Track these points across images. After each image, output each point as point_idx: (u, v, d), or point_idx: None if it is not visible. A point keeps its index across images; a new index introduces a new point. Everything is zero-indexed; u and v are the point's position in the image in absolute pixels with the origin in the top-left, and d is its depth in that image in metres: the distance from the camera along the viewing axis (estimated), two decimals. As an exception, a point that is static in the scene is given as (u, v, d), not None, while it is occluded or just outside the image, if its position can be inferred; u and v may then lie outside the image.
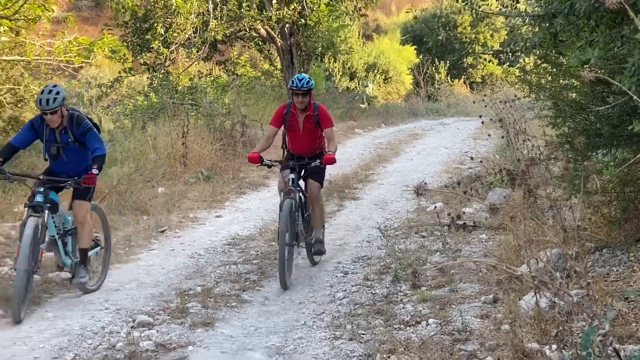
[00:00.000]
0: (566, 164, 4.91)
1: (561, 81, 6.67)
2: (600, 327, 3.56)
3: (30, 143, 6.88)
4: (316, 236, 7.78)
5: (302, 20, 19.39)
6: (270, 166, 7.57)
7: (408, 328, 5.82)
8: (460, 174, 12.65)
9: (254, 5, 18.28)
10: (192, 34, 17.01)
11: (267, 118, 11.51)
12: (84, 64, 12.98)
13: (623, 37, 5.05)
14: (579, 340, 3.73)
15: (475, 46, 31.08)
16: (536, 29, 6.36)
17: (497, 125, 7.95)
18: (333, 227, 9.61)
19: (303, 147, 7.73)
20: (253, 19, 17.85)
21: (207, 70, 20.30)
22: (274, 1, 18.70)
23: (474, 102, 13.98)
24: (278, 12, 18.16)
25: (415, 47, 32.51)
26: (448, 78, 31.16)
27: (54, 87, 6.55)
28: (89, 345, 5.67)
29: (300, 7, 18.88)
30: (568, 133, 6.44)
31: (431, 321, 5.85)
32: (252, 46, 21.83)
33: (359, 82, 28.43)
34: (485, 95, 13.49)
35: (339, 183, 12.46)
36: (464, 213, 9.32)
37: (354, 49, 26.87)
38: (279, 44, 19.48)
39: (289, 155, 7.80)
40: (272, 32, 19.05)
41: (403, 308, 6.29)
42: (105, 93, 18.05)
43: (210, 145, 13.97)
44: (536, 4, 6.42)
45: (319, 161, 7.44)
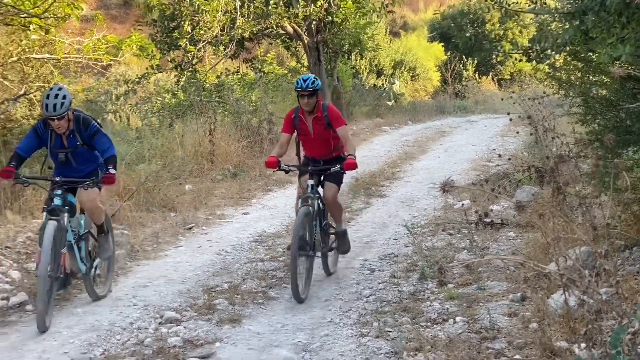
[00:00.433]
0: (596, 161, 4.87)
1: (591, 78, 6.61)
2: (629, 326, 3.53)
3: (34, 150, 6.49)
4: (338, 230, 7.47)
5: (329, 17, 19.39)
6: (287, 171, 7.09)
7: (435, 326, 5.80)
8: (487, 172, 12.55)
9: (281, 2, 18.29)
10: (219, 32, 17.06)
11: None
12: (113, 62, 13.06)
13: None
14: (608, 338, 3.70)
15: (504, 43, 30.79)
16: (566, 26, 6.30)
17: (526, 122, 7.86)
18: (359, 225, 9.61)
19: (318, 151, 7.33)
20: (280, 16, 17.86)
21: (234, 67, 20.37)
22: (301, -2, 18.73)
23: (502, 99, 13.87)
24: (305, 9, 18.14)
25: (442, 44, 32.37)
26: (476, 75, 31.01)
27: (60, 90, 6.12)
28: (118, 340, 5.73)
29: (327, 4, 18.87)
30: (598, 130, 6.38)
31: (458, 319, 5.82)
32: (279, 43, 21.83)
33: (386, 80, 28.33)
34: (513, 92, 13.36)
35: (366, 180, 12.45)
36: (492, 211, 9.25)
37: (381, 46, 26.84)
38: (306, 41, 19.48)
39: (306, 160, 7.43)
40: (299, 30, 19.05)
41: (430, 306, 6.27)
42: (132, 89, 18.15)
43: (237, 142, 14.06)
44: (566, 1, 6.36)
45: (339, 166, 6.97)
